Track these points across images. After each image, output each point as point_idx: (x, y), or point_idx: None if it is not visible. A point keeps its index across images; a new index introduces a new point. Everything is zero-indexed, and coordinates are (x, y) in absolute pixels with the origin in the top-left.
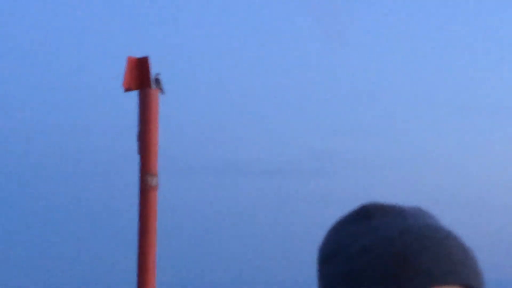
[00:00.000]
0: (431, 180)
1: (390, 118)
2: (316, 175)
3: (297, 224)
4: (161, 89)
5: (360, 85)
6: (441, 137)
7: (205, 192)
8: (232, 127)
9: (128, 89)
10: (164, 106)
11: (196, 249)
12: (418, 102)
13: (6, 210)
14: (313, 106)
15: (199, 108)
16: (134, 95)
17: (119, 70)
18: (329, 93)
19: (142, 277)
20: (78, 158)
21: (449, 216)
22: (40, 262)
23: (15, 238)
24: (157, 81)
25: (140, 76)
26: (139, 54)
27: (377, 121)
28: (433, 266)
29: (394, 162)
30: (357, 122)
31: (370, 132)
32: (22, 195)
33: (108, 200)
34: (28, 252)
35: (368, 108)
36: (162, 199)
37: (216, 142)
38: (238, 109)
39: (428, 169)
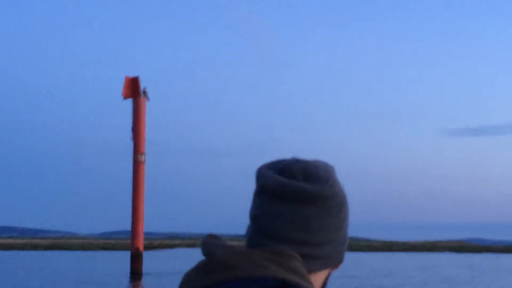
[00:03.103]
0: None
1: (309, 118)
2: (257, 156)
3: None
4: (147, 98)
5: (290, 96)
6: (350, 133)
7: (184, 166)
8: (203, 122)
9: (125, 98)
10: (152, 109)
11: (174, 204)
12: (332, 107)
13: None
14: (257, 111)
15: (178, 111)
16: (129, 102)
17: (119, 85)
18: (268, 101)
19: (135, 223)
20: (91, 144)
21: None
22: (61, 207)
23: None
24: (145, 92)
25: (133, 89)
26: (132, 74)
27: (301, 120)
28: None
29: (314, 148)
30: (286, 121)
31: (295, 127)
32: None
33: (112, 170)
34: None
35: (295, 112)
36: (148, 170)
37: (191, 133)
38: (206, 110)
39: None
